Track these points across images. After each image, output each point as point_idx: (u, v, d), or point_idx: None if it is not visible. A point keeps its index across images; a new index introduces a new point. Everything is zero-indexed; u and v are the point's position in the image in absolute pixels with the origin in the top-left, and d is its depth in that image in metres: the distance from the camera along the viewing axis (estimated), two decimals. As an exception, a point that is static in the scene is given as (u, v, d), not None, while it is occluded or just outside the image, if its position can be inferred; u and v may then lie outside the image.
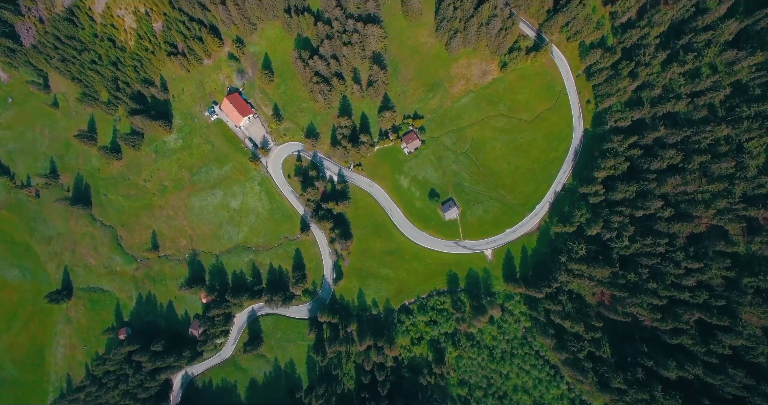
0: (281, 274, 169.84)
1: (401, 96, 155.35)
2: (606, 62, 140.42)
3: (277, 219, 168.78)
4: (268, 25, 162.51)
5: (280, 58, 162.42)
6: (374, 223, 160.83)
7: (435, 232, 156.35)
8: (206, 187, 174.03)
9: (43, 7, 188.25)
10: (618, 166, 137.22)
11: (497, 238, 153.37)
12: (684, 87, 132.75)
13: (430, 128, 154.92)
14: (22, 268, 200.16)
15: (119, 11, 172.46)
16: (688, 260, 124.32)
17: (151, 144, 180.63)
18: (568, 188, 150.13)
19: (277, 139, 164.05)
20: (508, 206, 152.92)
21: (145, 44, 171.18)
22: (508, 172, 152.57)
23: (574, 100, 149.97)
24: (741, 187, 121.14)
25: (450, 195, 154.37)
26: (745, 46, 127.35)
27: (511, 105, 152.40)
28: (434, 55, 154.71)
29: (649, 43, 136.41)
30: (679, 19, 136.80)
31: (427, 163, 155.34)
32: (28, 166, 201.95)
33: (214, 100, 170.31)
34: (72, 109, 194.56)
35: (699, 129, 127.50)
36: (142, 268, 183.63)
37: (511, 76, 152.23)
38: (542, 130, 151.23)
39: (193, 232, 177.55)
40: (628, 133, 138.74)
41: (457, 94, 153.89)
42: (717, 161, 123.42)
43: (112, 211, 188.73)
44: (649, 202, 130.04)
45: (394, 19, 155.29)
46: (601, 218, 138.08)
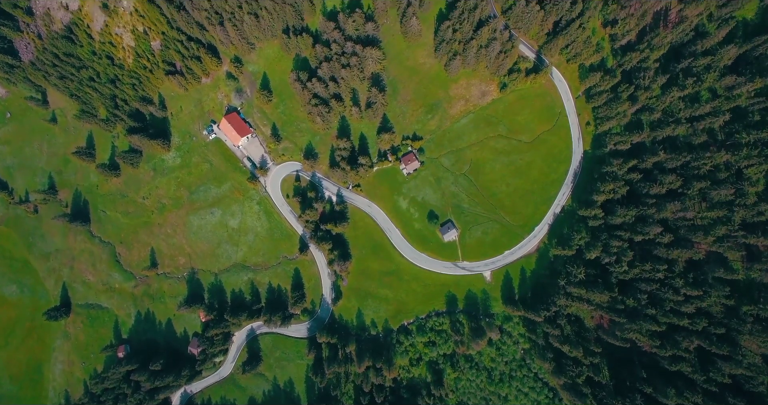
0: (280, 293, 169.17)
1: (400, 117, 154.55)
2: (606, 85, 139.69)
3: (275, 238, 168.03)
4: (267, 44, 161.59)
5: (278, 77, 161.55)
6: (373, 243, 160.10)
7: (434, 254, 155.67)
8: (205, 206, 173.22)
9: (42, 23, 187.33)
10: (617, 190, 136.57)
11: (496, 260, 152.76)
12: (684, 111, 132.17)
13: (429, 149, 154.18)
14: (21, 284, 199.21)
15: (117, 29, 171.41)
16: (687, 287, 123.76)
17: (150, 162, 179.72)
18: (568, 210, 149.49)
19: (275, 158, 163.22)
20: (507, 228, 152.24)
21: (143, 62, 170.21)
22: (507, 193, 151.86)
23: (574, 122, 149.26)
24: (740, 214, 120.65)
25: (449, 216, 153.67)
26: (744, 71, 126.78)
27: (510, 126, 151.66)
28: (433, 76, 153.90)
29: (648, 66, 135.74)
30: (679, 42, 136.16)
31: (426, 185, 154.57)
32: (26, 181, 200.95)
33: (212, 119, 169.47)
34: (70, 125, 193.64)
35: (698, 155, 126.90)
36: (140, 285, 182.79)
37: (510, 97, 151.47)
38: (542, 151, 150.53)
39: (191, 251, 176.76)
40: (628, 157, 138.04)
41: (457, 115, 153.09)
42: (716, 188, 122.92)
43: (110, 228, 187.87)
44: (648, 227, 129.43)
45: (393, 39, 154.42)
46: (600, 242, 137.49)
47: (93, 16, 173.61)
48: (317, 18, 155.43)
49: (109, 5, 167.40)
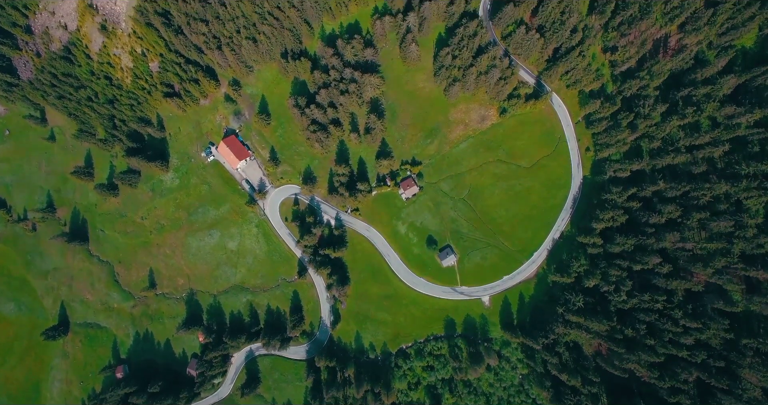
0: (279, 315, 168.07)
1: (399, 141, 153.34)
2: (605, 112, 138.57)
3: (274, 261, 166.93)
4: (265, 67, 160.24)
5: (277, 100, 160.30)
6: (372, 267, 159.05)
7: (432, 278, 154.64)
8: (203, 228, 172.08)
9: (41, 41, 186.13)
10: (616, 218, 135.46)
11: (495, 285, 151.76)
12: (683, 140, 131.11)
13: (428, 174, 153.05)
14: (18, 302, 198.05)
15: (116, 50, 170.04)
16: (686, 318, 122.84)
17: (148, 182, 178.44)
18: (567, 236, 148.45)
19: (274, 181, 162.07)
20: (505, 253, 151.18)
21: (141, 84, 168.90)
22: (507, 218, 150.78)
23: (574, 147, 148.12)
24: (740, 246, 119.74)
25: (448, 242, 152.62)
26: (744, 101, 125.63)
27: (509, 151, 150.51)
28: (433, 100, 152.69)
29: (648, 94, 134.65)
30: (679, 69, 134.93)
31: (425, 210, 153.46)
32: (24, 199, 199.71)
33: (210, 141, 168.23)
34: (69, 144, 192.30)
35: (698, 185, 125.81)
36: (139, 305, 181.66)
37: (510, 122, 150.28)
38: (541, 176, 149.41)
39: (190, 272, 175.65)
40: (628, 184, 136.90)
41: (456, 140, 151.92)
42: (716, 219, 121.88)
43: (109, 247, 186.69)
44: (647, 257, 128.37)
45: (392, 63, 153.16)
46: (599, 270, 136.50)
47: (91, 37, 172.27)
48: (316, 41, 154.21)
49: (108, 27, 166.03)
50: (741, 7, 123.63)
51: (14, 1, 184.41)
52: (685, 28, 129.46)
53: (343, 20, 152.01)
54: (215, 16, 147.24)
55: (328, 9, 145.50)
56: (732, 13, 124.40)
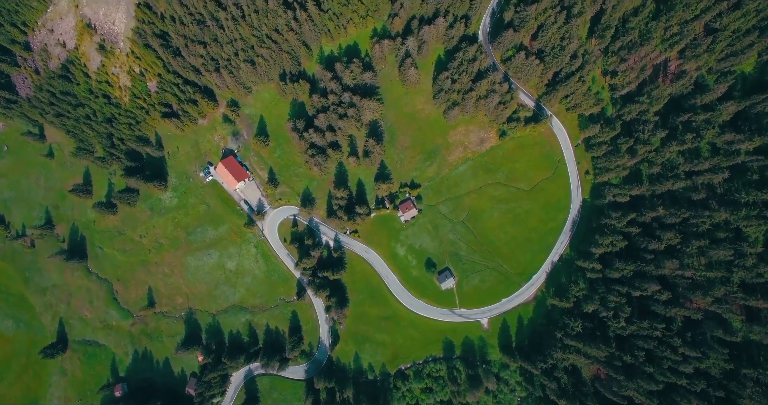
0: (278, 335, 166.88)
1: (398, 163, 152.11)
2: (605, 136, 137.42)
3: (273, 281, 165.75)
4: (263, 87, 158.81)
5: (275, 121, 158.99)
6: (370, 288, 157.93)
7: (431, 301, 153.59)
8: (202, 247, 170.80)
9: (39, 58, 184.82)
10: (616, 244, 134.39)
11: (493, 307, 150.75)
12: (683, 165, 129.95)
13: (427, 196, 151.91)
14: (17, 319, 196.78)
15: (114, 69, 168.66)
16: (685, 347, 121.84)
17: (147, 201, 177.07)
18: (566, 259, 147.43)
19: (272, 202, 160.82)
20: (504, 275, 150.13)
21: (139, 103, 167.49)
22: (505, 241, 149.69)
23: (573, 170, 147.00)
24: (739, 275, 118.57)
25: (446, 264, 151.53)
26: (744, 128, 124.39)
27: (509, 173, 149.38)
28: (432, 122, 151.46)
29: (648, 119, 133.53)
30: (679, 93, 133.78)
31: (424, 232, 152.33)
32: (23, 215, 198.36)
33: (209, 161, 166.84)
34: (67, 160, 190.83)
35: (698, 212, 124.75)
36: (138, 323, 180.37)
37: (509, 145, 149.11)
38: (540, 199, 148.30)
39: (189, 291, 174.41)
40: (627, 209, 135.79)
41: (455, 162, 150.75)
42: (715, 247, 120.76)
43: (107, 265, 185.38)
44: (647, 284, 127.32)
45: (391, 85, 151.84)
46: (598, 295, 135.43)
47: (89, 56, 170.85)
48: (314, 63, 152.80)
49: (106, 46, 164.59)
50: (740, 35, 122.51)
51: (13, 18, 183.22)
52: (685, 54, 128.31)
53: (342, 42, 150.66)
54: (213, 38, 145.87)
55: (327, 31, 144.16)
56: (731, 40, 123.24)
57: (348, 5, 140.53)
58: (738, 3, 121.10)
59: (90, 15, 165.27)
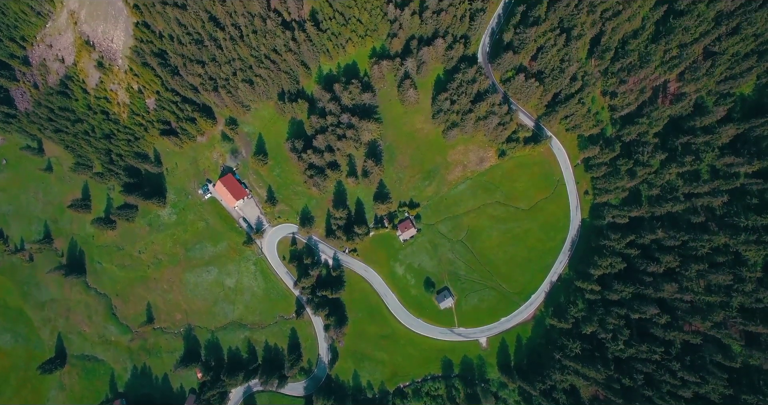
0: (277, 352, 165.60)
1: (397, 183, 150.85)
2: (604, 157, 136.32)
3: (272, 298, 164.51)
4: (262, 105, 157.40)
5: (274, 140, 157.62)
6: (369, 307, 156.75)
7: (430, 320, 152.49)
8: (201, 264, 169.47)
9: (38, 73, 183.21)
10: (615, 265, 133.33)
11: (492, 327, 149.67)
12: (683, 188, 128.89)
13: (426, 215, 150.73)
14: (15, 333, 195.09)
15: (112, 86, 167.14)
16: (684, 371, 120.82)
17: (145, 216, 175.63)
18: (564, 279, 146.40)
19: (271, 220, 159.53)
20: (503, 295, 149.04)
21: (138, 120, 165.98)
22: (504, 261, 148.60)
23: (572, 190, 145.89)
24: (738, 300, 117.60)
25: (445, 283, 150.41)
26: (743, 151, 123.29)
27: (508, 193, 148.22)
28: (431, 141, 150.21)
29: (648, 141, 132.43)
30: (678, 115, 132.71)
31: (423, 251, 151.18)
32: (21, 229, 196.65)
33: (207, 179, 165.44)
34: (66, 174, 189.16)
35: (697, 236, 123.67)
36: (137, 339, 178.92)
37: (508, 164, 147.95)
38: (539, 219, 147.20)
39: (188, 307, 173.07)
40: (626, 230, 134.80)
41: (454, 181, 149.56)
42: (714, 271, 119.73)
43: (106, 280, 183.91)
44: (645, 307, 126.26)
45: (390, 104, 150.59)
46: (597, 317, 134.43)
47: (88, 72, 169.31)
48: (313, 81, 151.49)
49: (104, 63, 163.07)
50: (739, 59, 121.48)
51: (12, 33, 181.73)
52: (684, 76, 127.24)
53: (341, 61, 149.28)
54: (211, 58, 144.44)
55: (326, 51, 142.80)
56: (730, 64, 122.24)
57: (347, 25, 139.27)
58: (736, 27, 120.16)
59: (88, 32, 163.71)
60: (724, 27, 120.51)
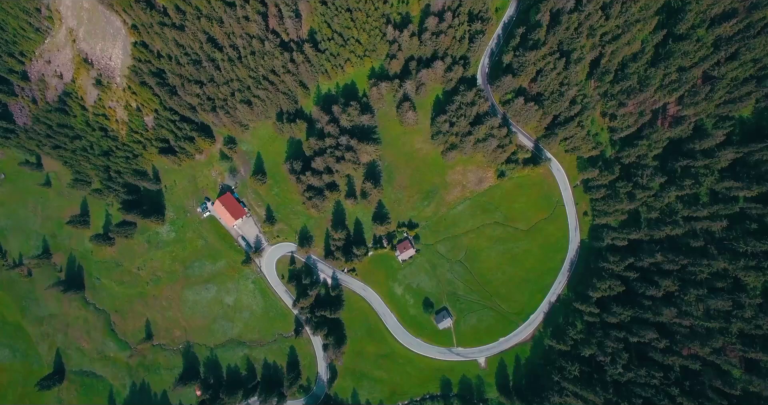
0: (276, 370, 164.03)
1: (396, 203, 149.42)
2: (604, 180, 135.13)
3: (271, 317, 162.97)
4: (260, 124, 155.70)
5: (272, 159, 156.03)
6: (368, 326, 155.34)
7: (428, 339, 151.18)
8: (200, 281, 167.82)
9: (37, 88, 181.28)
10: (614, 288, 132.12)
11: (491, 347, 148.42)
12: (682, 211, 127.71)
13: (425, 236, 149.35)
14: (13, 349, 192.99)
15: (111, 103, 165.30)
16: (683, 396, 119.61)
17: (144, 233, 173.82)
18: (563, 299, 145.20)
19: (270, 239, 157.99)
20: (502, 315, 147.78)
21: (136, 137, 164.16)
22: (503, 281, 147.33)
23: (571, 211, 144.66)
24: (738, 326, 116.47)
25: (444, 304, 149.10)
26: (742, 175, 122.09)
27: (507, 213, 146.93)
28: (430, 161, 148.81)
29: (647, 164, 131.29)
30: (678, 137, 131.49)
31: (422, 271, 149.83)
32: (20, 243, 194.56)
33: (206, 197, 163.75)
34: (65, 189, 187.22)
35: (696, 260, 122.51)
36: (136, 355, 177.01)
37: (507, 184, 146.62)
38: (538, 239, 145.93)
39: (187, 324, 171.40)
40: (625, 253, 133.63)
41: (453, 201, 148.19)
42: (713, 297, 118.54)
43: (105, 296, 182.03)
44: (644, 331, 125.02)
45: (389, 124, 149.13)
46: (596, 339, 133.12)
47: (86, 89, 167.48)
48: (312, 100, 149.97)
49: (102, 81, 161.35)
50: (738, 83, 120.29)
51: (11, 48, 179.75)
52: (684, 100, 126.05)
53: (340, 80, 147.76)
54: (210, 78, 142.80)
55: (324, 71, 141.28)
56: (729, 88, 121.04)
57: (345, 46, 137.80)
58: (735, 53, 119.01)
59: (87, 50, 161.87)
60: (723, 52, 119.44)
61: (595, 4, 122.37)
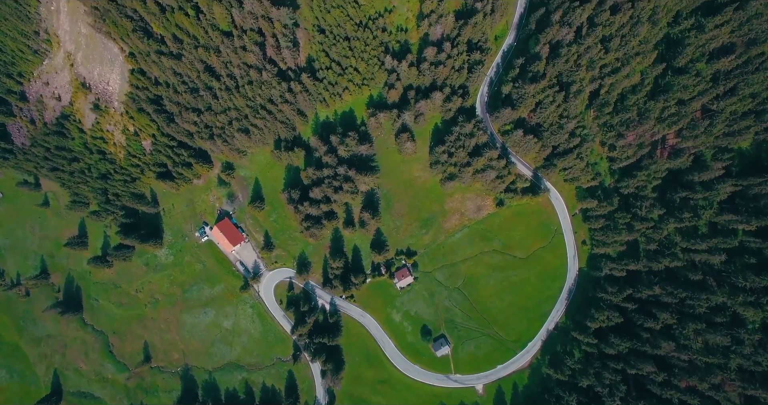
0: (274, 393, 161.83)
1: (394, 231, 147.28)
2: (602, 210, 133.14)
3: (269, 341, 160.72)
4: (258, 150, 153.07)
5: (270, 185, 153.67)
6: (366, 352, 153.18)
7: (426, 366, 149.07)
8: (198, 305, 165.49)
9: (35, 109, 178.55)
10: (612, 319, 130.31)
11: (488, 374, 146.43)
12: (681, 243, 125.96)
13: (423, 263, 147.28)
14: (10, 369, 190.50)
15: (108, 126, 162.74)
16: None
17: (142, 256, 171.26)
18: (561, 327, 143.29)
19: (268, 265, 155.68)
20: (500, 343, 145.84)
21: (134, 161, 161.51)
22: (501, 309, 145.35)
23: (570, 239, 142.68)
24: (737, 362, 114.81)
25: (442, 331, 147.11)
26: (741, 208, 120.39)
27: (505, 241, 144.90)
28: (428, 189, 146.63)
29: (646, 195, 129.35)
30: (677, 168, 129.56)
31: (420, 299, 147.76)
32: (18, 264, 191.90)
33: (204, 221, 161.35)
34: (63, 210, 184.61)
35: (695, 294, 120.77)
36: (134, 377, 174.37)
37: (506, 212, 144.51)
38: (536, 267, 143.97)
39: (185, 348, 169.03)
40: (624, 283, 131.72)
41: (451, 229, 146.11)
42: (712, 332, 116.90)
43: (103, 317, 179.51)
44: (642, 364, 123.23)
45: (387, 152, 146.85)
46: (593, 369, 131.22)
47: (84, 113, 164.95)
48: (310, 127, 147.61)
49: (100, 105, 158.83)
50: (737, 117, 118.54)
51: (9, 70, 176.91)
52: (683, 133, 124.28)
53: (338, 108, 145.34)
54: (207, 106, 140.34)
55: (322, 100, 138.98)
56: (728, 122, 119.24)
57: (344, 75, 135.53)
58: (734, 87, 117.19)
59: (85, 74, 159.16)
60: (721, 86, 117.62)
61: (595, 38, 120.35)
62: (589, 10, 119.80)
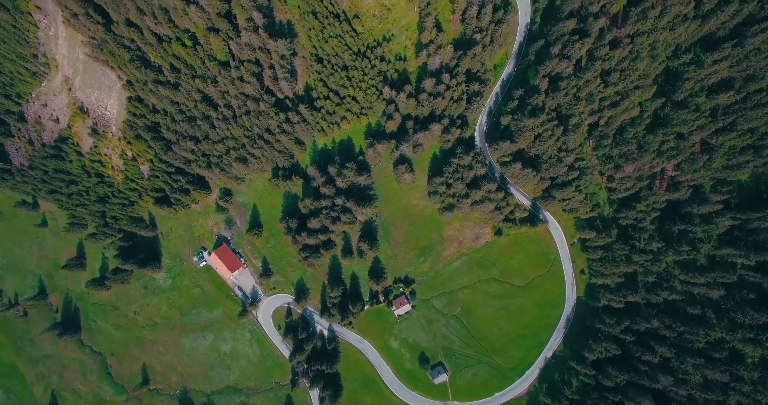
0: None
1: (392, 259, 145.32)
2: (601, 242, 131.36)
3: (268, 365, 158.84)
4: (256, 177, 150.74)
5: (268, 211, 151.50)
6: (364, 377, 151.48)
7: (424, 393, 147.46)
8: (196, 329, 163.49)
9: (33, 129, 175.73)
10: (609, 350, 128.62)
11: (486, 401, 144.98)
12: (680, 275, 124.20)
13: (421, 291, 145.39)
14: (7, 390, 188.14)
15: (106, 150, 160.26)
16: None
17: (141, 279, 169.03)
18: (559, 356, 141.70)
19: (266, 290, 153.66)
20: (497, 370, 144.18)
21: (132, 185, 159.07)
22: (499, 337, 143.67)
23: (568, 268, 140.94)
24: (736, 399, 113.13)
25: (440, 358, 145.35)
26: (740, 242, 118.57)
27: (503, 270, 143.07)
28: (427, 217, 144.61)
29: (645, 227, 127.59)
30: (676, 199, 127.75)
31: (418, 326, 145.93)
32: (16, 284, 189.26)
33: (202, 246, 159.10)
34: (61, 230, 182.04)
35: (692, 329, 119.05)
36: (132, 400, 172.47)
37: (504, 241, 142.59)
38: (534, 296, 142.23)
39: (183, 370, 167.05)
40: (622, 315, 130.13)
41: (450, 257, 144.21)
42: (711, 367, 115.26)
43: (101, 339, 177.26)
44: (640, 398, 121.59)
45: (386, 180, 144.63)
46: (591, 400, 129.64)
47: (82, 137, 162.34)
48: (308, 155, 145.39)
49: (98, 130, 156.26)
50: (735, 152, 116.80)
51: (7, 90, 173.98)
52: (682, 167, 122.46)
53: (336, 136, 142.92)
54: (204, 135, 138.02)
55: (320, 129, 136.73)
56: (727, 156, 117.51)
57: (342, 104, 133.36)
58: (733, 123, 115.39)
59: (83, 98, 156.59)
60: (721, 121, 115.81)
61: (594, 72, 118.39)
62: (588, 44, 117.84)
